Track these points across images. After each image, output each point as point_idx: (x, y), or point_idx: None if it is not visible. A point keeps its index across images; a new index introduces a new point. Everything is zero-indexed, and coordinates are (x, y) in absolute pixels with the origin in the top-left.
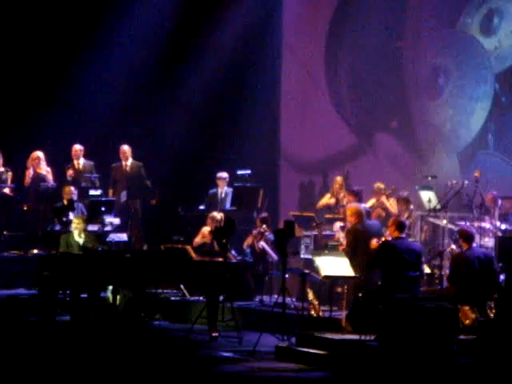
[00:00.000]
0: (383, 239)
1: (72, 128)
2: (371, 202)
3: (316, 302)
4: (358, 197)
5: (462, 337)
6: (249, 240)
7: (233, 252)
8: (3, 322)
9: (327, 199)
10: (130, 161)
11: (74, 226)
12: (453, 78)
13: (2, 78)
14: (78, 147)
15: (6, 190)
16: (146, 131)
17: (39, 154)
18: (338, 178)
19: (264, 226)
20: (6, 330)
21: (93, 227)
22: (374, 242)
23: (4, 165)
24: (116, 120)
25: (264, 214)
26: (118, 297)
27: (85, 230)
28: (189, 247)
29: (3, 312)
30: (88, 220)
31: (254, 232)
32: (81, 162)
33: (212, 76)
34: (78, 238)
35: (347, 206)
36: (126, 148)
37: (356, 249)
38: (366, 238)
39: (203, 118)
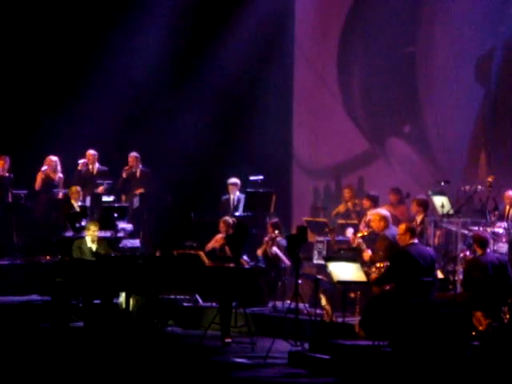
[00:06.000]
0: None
1: (85, 133)
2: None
3: (329, 308)
4: (375, 202)
5: (475, 342)
6: (262, 247)
7: (245, 258)
8: (16, 329)
9: (340, 208)
10: (140, 167)
11: (89, 232)
12: None
13: (16, 82)
14: (91, 152)
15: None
16: (158, 137)
17: (54, 158)
18: (347, 190)
19: (276, 231)
20: (19, 337)
21: (105, 233)
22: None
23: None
24: (128, 126)
25: (275, 219)
26: (131, 303)
27: (97, 237)
28: (201, 253)
29: (16, 318)
30: (101, 225)
31: (266, 238)
32: (95, 167)
33: (224, 82)
34: (91, 244)
35: (373, 212)
36: (134, 155)
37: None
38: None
39: (215, 123)
